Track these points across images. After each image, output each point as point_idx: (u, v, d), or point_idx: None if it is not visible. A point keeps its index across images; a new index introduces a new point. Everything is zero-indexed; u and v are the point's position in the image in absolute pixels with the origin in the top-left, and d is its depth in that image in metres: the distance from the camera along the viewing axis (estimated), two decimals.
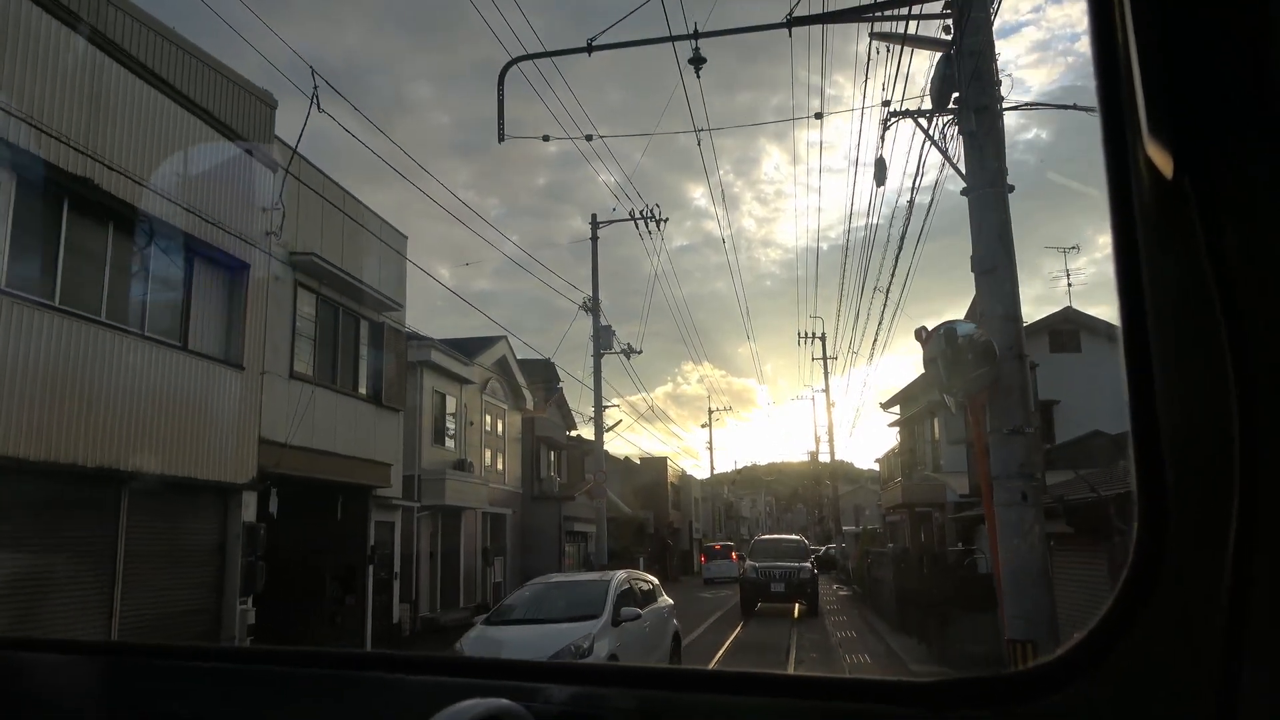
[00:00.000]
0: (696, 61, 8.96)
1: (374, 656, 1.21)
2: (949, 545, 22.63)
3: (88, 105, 10.05)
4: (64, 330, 9.84)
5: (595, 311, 28.96)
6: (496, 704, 1.00)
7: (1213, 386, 0.80)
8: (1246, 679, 0.79)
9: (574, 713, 1.11)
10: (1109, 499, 8.06)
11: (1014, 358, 7.50)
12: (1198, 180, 0.80)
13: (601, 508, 30.27)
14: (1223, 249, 0.80)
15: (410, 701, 1.23)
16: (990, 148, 7.86)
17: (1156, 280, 0.84)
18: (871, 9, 8.65)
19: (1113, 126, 0.86)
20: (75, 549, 10.13)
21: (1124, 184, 0.86)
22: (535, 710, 1.05)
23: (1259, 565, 0.78)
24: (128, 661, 1.54)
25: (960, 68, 7.98)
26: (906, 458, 30.74)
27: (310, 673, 1.41)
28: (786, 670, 13.39)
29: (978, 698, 0.97)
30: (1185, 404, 0.84)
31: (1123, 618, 0.88)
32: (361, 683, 1.31)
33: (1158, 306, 0.84)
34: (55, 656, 1.59)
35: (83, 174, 9.86)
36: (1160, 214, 0.84)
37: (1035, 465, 7.62)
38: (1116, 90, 0.85)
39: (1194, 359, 0.83)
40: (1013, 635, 7.24)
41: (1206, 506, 0.82)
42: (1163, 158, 0.81)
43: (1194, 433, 0.83)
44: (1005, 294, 7.70)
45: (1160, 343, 0.84)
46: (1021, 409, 7.49)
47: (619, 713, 1.12)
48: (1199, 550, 0.83)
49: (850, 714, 1.03)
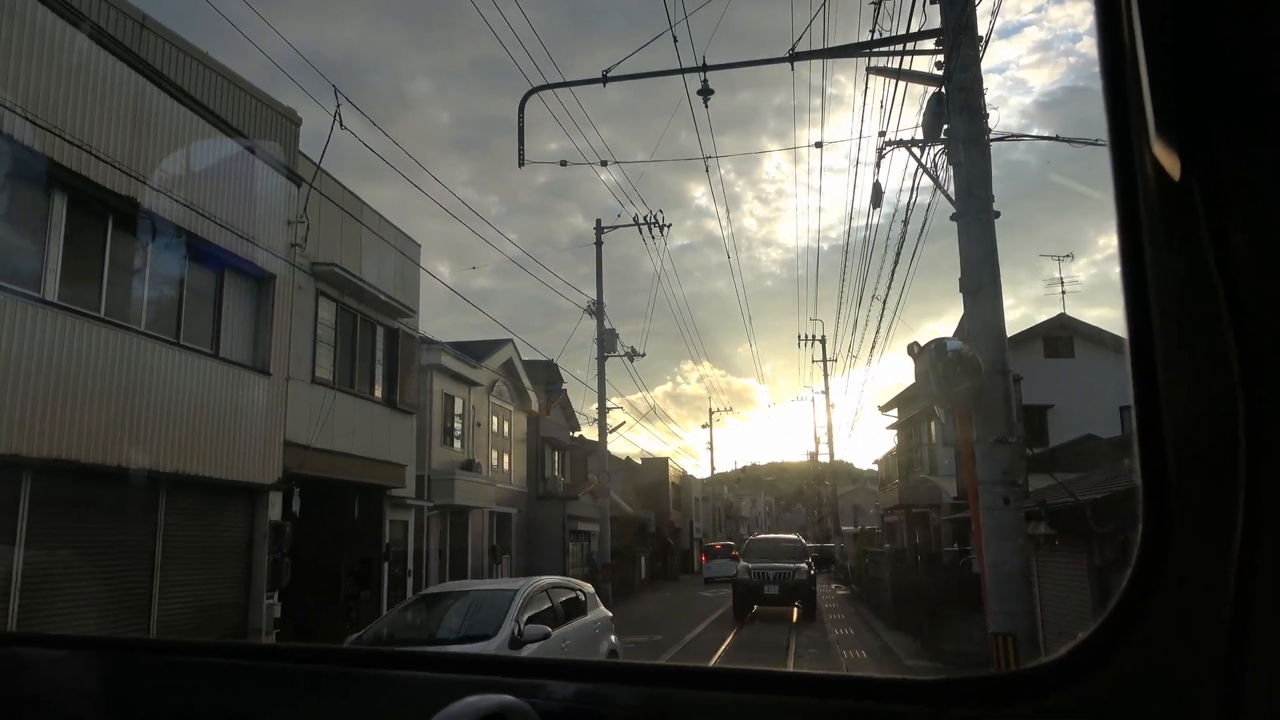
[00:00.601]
0: (705, 93, 9.56)
1: (377, 653, 1.36)
2: (944, 546, 23.25)
3: (130, 128, 10.68)
4: (109, 340, 10.47)
5: (600, 316, 29.57)
6: (500, 700, 1.00)
7: (1217, 386, 0.80)
8: (1249, 680, 0.79)
9: (577, 709, 1.12)
10: (1086, 503, 8.69)
11: (998, 372, 8.12)
12: (1204, 180, 0.80)
13: (605, 507, 30.90)
14: (1228, 249, 0.80)
15: (413, 699, 1.23)
16: (977, 178, 8.48)
17: (1162, 280, 0.85)
18: (869, 45, 9.26)
19: (1119, 126, 0.86)
20: (119, 547, 10.77)
21: (1130, 183, 0.86)
22: (538, 707, 1.06)
23: (1262, 566, 0.78)
24: (129, 657, 1.54)
25: (949, 103, 8.60)
26: (904, 460, 31.32)
27: (313, 669, 1.42)
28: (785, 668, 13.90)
29: (977, 696, 0.96)
30: (1189, 404, 0.84)
31: (1125, 618, 0.87)
32: (364, 680, 1.31)
33: (1163, 306, 0.85)
34: (54, 652, 1.60)
35: (127, 193, 10.48)
36: (1166, 213, 0.84)
37: (1017, 472, 8.26)
38: (1123, 90, 0.85)
39: (1199, 359, 0.83)
40: (995, 629, 7.86)
41: (1210, 507, 0.82)
42: (1169, 157, 0.80)
43: (1198, 433, 0.83)
44: (990, 313, 8.32)
45: (1165, 342, 0.85)
46: (1005, 420, 8.10)
47: (621, 709, 1.12)
48: (1202, 551, 0.82)
49: (850, 712, 1.03)
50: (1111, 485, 9.34)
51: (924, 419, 27.38)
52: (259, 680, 1.38)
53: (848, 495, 62.47)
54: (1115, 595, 0.89)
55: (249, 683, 1.38)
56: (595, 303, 30.03)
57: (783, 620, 22.49)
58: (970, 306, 8.46)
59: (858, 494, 70.80)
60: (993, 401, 8.08)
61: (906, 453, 31.06)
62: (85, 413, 9.99)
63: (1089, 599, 9.93)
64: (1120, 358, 0.85)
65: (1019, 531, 7.96)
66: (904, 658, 15.60)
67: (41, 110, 9.29)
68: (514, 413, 30.01)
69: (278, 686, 1.37)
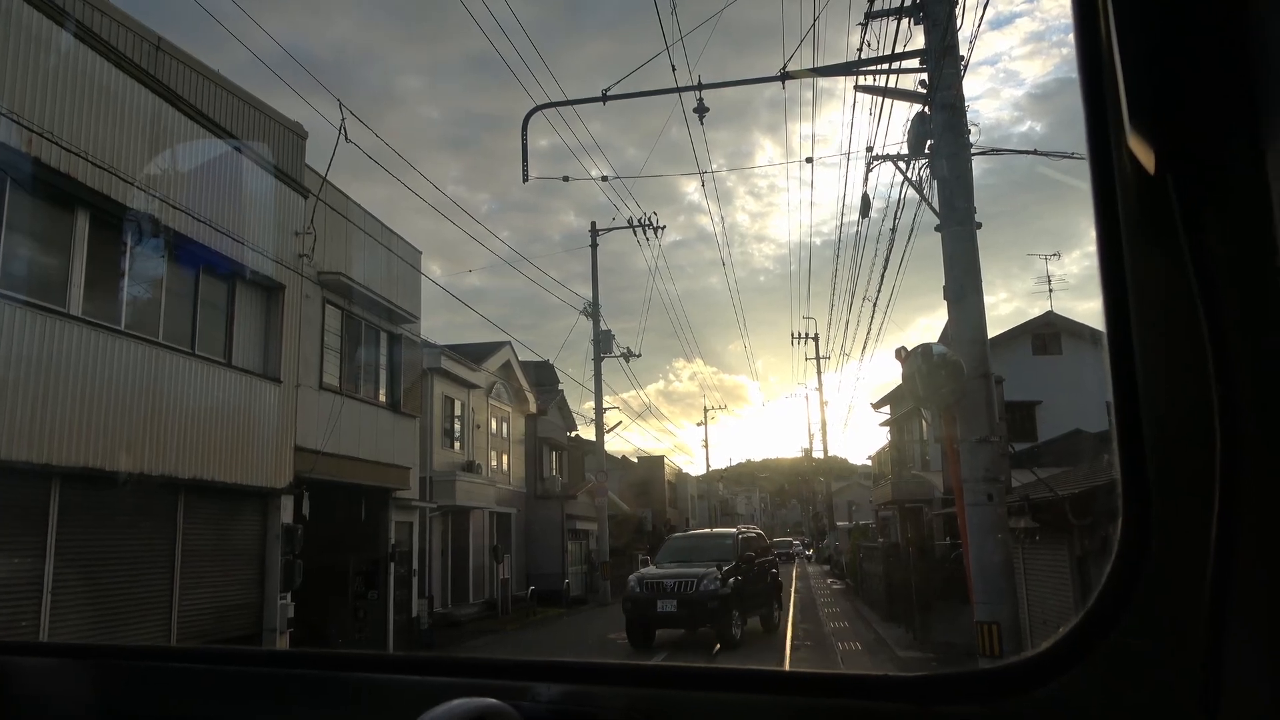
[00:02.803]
0: (700, 110, 10.01)
1: (361, 657, 1.45)
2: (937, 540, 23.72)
3: (149, 148, 11.10)
4: (130, 352, 10.89)
5: (595, 319, 29.98)
6: (483, 704, 0.99)
7: (1193, 379, 0.81)
8: (1229, 671, 0.80)
9: (563, 711, 1.11)
10: (1065, 498, 9.18)
11: (980, 376, 8.59)
12: (1179, 175, 0.81)
13: (603, 506, 31.31)
14: (1204, 243, 0.80)
15: (398, 703, 1.23)
16: (959, 190, 8.94)
17: (1139, 275, 0.85)
18: (857, 65, 9.72)
19: (1096, 120, 0.87)
20: (141, 551, 11.20)
21: (1107, 179, 0.86)
22: (524, 709, 1.05)
23: (1240, 559, 0.79)
24: (115, 665, 1.53)
25: (934, 120, 9.07)
26: (896, 456, 31.78)
27: (297, 674, 1.41)
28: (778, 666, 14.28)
29: (963, 692, 0.97)
30: (1167, 398, 0.84)
31: (1107, 612, 0.88)
32: (349, 684, 1.32)
33: (1140, 299, 0.85)
34: (39, 660, 1.60)
35: (148, 211, 10.91)
36: (1143, 209, 0.84)
37: (1000, 470, 8.74)
38: (1099, 84, 0.86)
39: (1176, 353, 0.83)
40: (980, 618, 8.35)
41: (1188, 499, 0.82)
42: (1145, 152, 0.81)
43: (1176, 427, 0.84)
44: (973, 319, 8.78)
45: (1143, 337, 0.85)
46: (987, 420, 8.58)
47: (608, 711, 1.11)
48: (1182, 544, 0.83)
49: (838, 710, 1.03)
50: (1092, 480, 9.82)
51: (915, 416, 27.80)
52: (245, 686, 1.39)
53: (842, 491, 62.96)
54: (1096, 588, 0.90)
55: (235, 688, 1.39)
56: (590, 304, 30.48)
57: None
58: (954, 313, 8.92)
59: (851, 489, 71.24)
60: (975, 403, 8.53)
61: (899, 449, 31.53)
62: (110, 422, 10.41)
63: (1070, 588, 10.44)
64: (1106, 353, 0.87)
65: (1002, 526, 8.44)
66: (897, 649, 16.07)
67: (66, 133, 9.70)
68: (512, 414, 30.42)
69: (263, 691, 1.37)
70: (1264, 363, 0.79)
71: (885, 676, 1.03)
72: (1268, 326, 0.79)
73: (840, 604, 27.11)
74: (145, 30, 11.55)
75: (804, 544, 73.54)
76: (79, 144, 9.85)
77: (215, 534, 12.60)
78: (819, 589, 34.11)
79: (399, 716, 0.97)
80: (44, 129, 9.38)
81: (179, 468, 11.49)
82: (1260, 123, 0.78)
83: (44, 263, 10.09)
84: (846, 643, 17.56)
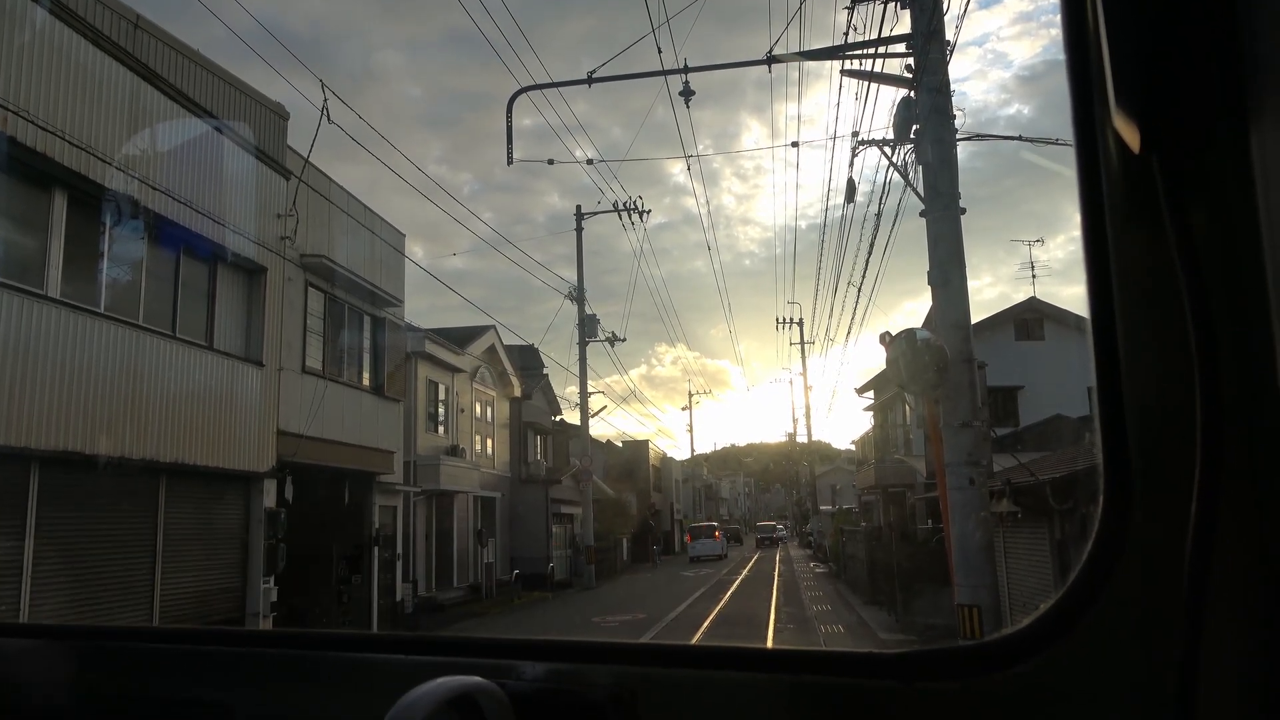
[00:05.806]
0: (686, 94, 9.97)
1: (345, 636, 1.44)
2: (920, 524, 23.91)
3: (128, 128, 10.95)
4: (110, 335, 10.78)
5: (580, 303, 29.94)
6: (467, 682, 0.99)
7: (1176, 361, 0.82)
8: (1206, 650, 0.81)
9: (548, 689, 1.12)
10: (1045, 482, 9.26)
11: (963, 361, 8.64)
12: (1164, 156, 0.81)
13: (587, 491, 31.38)
14: (1188, 225, 0.81)
15: (382, 682, 1.23)
16: (944, 176, 8.96)
17: (1123, 255, 0.86)
18: (844, 49, 9.70)
19: (1082, 102, 0.87)
20: (122, 535, 11.13)
21: (1092, 160, 0.87)
22: (509, 688, 1.05)
23: (1219, 541, 0.80)
24: (96, 646, 1.52)
25: (919, 105, 9.07)
26: (880, 440, 31.97)
27: (282, 653, 1.40)
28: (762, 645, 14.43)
29: (945, 668, 0.98)
30: (1150, 381, 0.85)
31: (1087, 590, 0.89)
32: (333, 663, 1.31)
33: (1124, 281, 0.86)
34: (20, 641, 1.59)
35: (128, 192, 10.77)
36: (1128, 190, 0.85)
37: (982, 454, 8.81)
38: (1085, 65, 0.86)
39: (1159, 337, 0.84)
40: (961, 600, 8.42)
41: (1168, 480, 0.83)
42: (1131, 133, 0.81)
43: (1158, 410, 0.85)
44: (957, 305, 8.82)
45: (1126, 320, 0.86)
46: (970, 405, 8.63)
47: (593, 689, 1.11)
48: (1161, 525, 0.84)
49: (822, 686, 1.04)
50: (1072, 464, 9.92)
51: (899, 401, 27.97)
52: (229, 665, 1.38)
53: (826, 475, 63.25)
54: (1076, 567, 0.91)
55: (219, 668, 1.38)
56: (576, 288, 30.44)
57: (763, 597, 22.92)
58: (938, 298, 8.95)
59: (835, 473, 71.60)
60: (958, 388, 8.58)
61: (882, 433, 31.71)
62: (93, 406, 10.32)
63: (1050, 571, 10.55)
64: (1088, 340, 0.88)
65: (983, 509, 8.52)
66: (879, 631, 16.23)
67: (42, 111, 9.56)
68: (496, 398, 30.38)
69: (248, 671, 1.36)
70: (1247, 346, 0.79)
71: (869, 654, 1.04)
72: (1251, 309, 0.79)
73: (823, 587, 27.33)
74: (123, 7, 11.36)
75: (788, 528, 74.04)
76: (56, 123, 9.70)
77: (197, 518, 12.54)
78: (802, 572, 34.35)
79: (383, 696, 0.95)
80: (19, 107, 9.24)
81: (160, 451, 11.41)
82: (1245, 105, 0.78)
83: (21, 244, 9.96)
84: (829, 625, 17.73)
